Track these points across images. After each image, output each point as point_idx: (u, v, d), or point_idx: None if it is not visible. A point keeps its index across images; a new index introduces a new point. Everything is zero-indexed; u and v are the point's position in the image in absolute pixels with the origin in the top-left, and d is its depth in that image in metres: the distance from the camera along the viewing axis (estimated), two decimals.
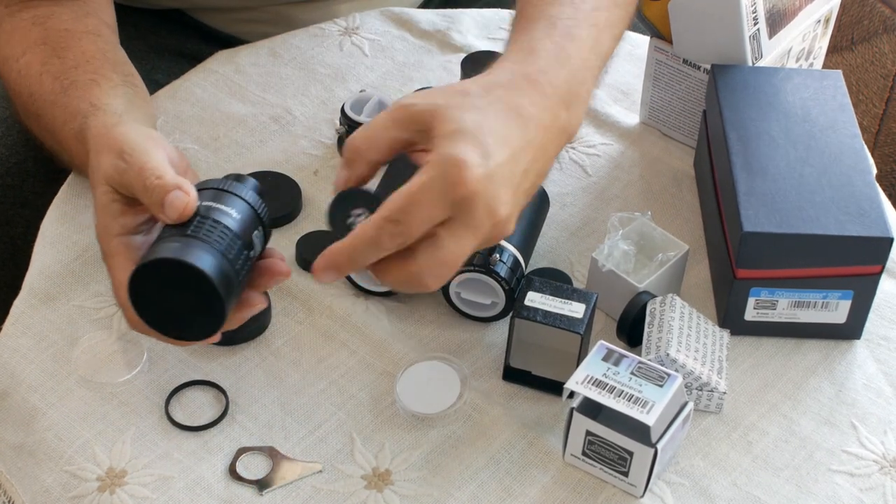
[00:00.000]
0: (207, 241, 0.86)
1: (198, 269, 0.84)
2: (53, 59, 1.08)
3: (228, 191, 0.91)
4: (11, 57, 1.12)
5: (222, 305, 0.86)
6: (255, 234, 0.91)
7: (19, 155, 1.25)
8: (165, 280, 0.86)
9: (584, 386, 0.91)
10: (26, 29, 1.12)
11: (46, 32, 1.11)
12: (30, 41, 1.11)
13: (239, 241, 0.88)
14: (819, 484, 0.96)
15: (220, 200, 0.90)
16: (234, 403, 0.98)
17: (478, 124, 0.86)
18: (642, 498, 0.93)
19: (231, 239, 0.88)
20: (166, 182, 0.89)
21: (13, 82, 1.11)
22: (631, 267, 1.04)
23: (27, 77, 1.09)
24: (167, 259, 0.85)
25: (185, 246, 0.86)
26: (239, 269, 0.88)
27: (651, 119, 1.23)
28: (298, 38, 1.31)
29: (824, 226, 0.98)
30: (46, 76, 1.08)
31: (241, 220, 0.89)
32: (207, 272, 0.85)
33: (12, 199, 1.24)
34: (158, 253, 0.85)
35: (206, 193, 0.91)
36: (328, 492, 0.93)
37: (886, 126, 1.68)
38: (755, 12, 1.10)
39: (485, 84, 0.90)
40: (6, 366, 1.00)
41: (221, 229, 0.88)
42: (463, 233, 0.85)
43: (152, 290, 0.87)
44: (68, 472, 0.94)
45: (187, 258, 0.85)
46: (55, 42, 1.10)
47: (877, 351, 1.05)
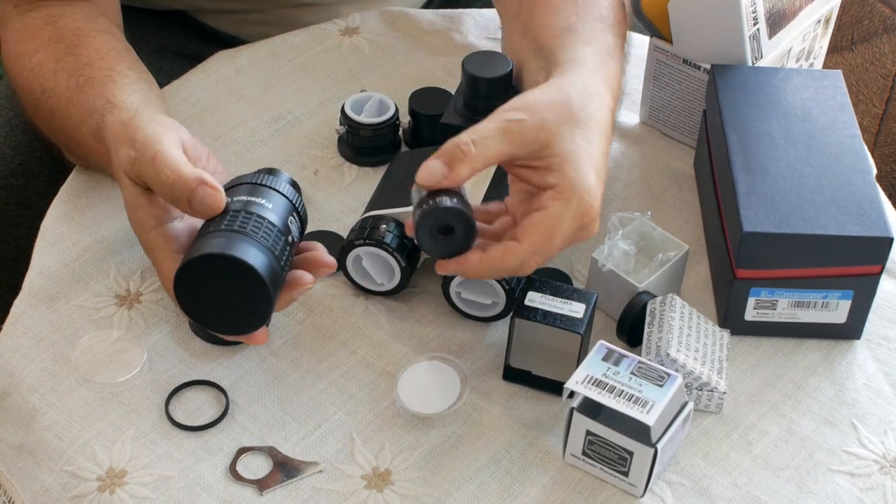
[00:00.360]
0: (253, 236, 0.88)
1: (246, 264, 0.86)
2: (67, 56, 1.09)
3: (265, 185, 0.92)
4: (23, 55, 1.12)
5: (269, 300, 0.87)
6: (292, 225, 0.92)
7: (23, 156, 1.25)
8: (212, 275, 0.87)
9: (584, 386, 0.91)
10: (38, 27, 1.12)
11: (59, 31, 1.11)
12: (42, 39, 1.11)
13: (282, 237, 0.90)
14: (819, 484, 0.95)
15: (258, 195, 0.91)
16: (234, 403, 0.98)
17: (589, 142, 0.93)
18: (642, 498, 0.93)
19: (275, 234, 0.89)
20: (187, 177, 0.89)
21: (25, 80, 1.11)
22: (631, 267, 1.04)
23: (40, 74, 1.09)
24: (215, 254, 0.86)
25: (231, 241, 0.87)
26: (284, 263, 0.90)
27: (651, 119, 1.23)
28: (298, 39, 1.31)
29: (824, 226, 0.98)
30: (61, 73, 1.08)
31: (280, 214, 0.91)
32: (256, 267, 0.86)
33: (16, 199, 1.24)
34: (205, 248, 0.86)
35: (243, 188, 0.92)
36: (328, 491, 0.93)
37: (886, 126, 1.68)
38: (755, 12, 1.10)
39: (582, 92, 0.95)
40: (6, 366, 1.00)
41: (266, 225, 0.89)
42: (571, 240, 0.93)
43: (198, 286, 0.88)
44: (68, 471, 0.94)
45: (236, 253, 0.86)
46: (68, 40, 1.10)
47: (877, 351, 1.05)
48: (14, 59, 1.13)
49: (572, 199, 0.91)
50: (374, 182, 1.15)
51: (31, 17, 1.13)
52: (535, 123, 0.92)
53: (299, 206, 0.94)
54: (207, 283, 0.88)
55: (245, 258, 0.86)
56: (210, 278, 0.87)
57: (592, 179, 0.92)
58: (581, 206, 0.91)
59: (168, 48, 1.38)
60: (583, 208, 0.91)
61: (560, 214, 0.91)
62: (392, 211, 1.04)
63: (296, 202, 0.94)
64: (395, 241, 1.02)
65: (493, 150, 0.91)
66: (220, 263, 0.87)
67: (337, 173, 1.17)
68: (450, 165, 0.90)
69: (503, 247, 0.91)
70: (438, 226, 0.91)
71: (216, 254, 0.86)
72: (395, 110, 1.17)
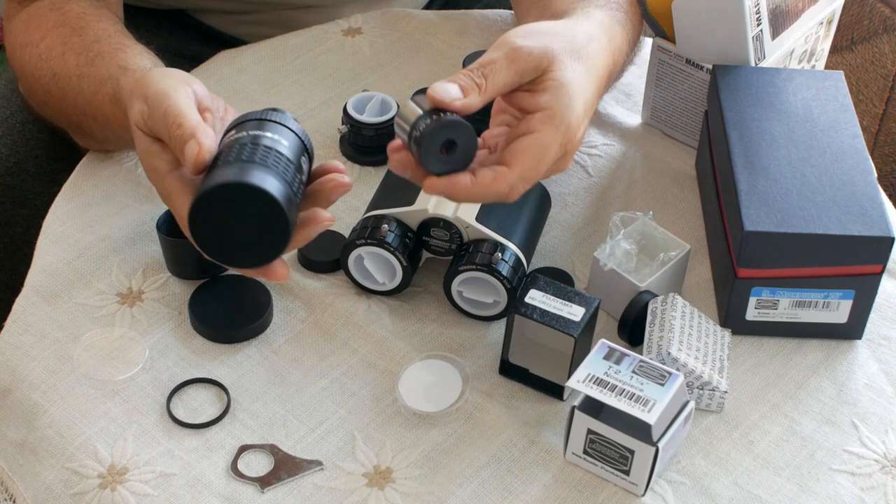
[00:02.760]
0: (264, 164, 0.87)
1: (260, 189, 0.84)
2: (74, 37, 1.09)
3: (271, 120, 0.92)
4: (30, 43, 1.12)
5: (287, 224, 0.86)
6: (302, 158, 0.91)
7: (19, 155, 1.25)
8: (227, 206, 0.85)
9: (585, 384, 0.91)
10: (43, 15, 1.13)
11: (64, 15, 1.12)
12: (48, 25, 1.12)
13: (291, 164, 0.89)
14: (820, 483, 0.96)
15: (266, 129, 0.90)
16: (236, 401, 0.98)
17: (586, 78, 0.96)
18: (643, 497, 0.93)
19: (284, 162, 0.88)
20: (183, 132, 0.89)
21: (33, 67, 1.12)
22: (632, 266, 1.04)
23: (48, 59, 1.10)
24: (227, 183, 0.84)
25: (242, 170, 0.85)
26: (296, 190, 0.88)
27: (653, 120, 1.23)
28: (301, 39, 1.31)
29: (825, 225, 0.98)
30: (69, 54, 1.08)
31: (289, 146, 0.90)
32: (270, 190, 0.85)
33: (11, 198, 1.24)
34: (217, 179, 0.85)
35: (250, 124, 0.91)
36: (329, 489, 0.93)
37: (886, 126, 1.68)
38: (759, 13, 1.11)
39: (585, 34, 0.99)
40: (8, 363, 1.01)
41: (274, 153, 0.88)
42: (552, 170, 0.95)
43: (213, 219, 0.86)
44: (70, 469, 0.94)
45: (249, 179, 0.84)
46: (73, 22, 1.11)
47: (878, 351, 1.05)
48: (21, 48, 1.13)
49: (561, 125, 0.92)
50: (376, 182, 1.15)
51: (36, 6, 1.14)
52: (539, 50, 0.93)
53: (306, 139, 0.93)
54: (222, 215, 0.86)
55: (259, 184, 0.84)
56: (225, 209, 0.86)
57: (580, 112, 0.94)
58: (567, 134, 0.93)
59: (168, 49, 1.38)
60: (567, 137, 0.93)
61: (549, 139, 0.92)
62: (394, 210, 1.04)
63: (302, 136, 0.93)
64: (397, 240, 1.02)
65: (501, 81, 0.92)
66: (234, 192, 0.85)
67: None
68: (464, 92, 0.91)
69: (492, 171, 0.91)
70: (445, 139, 0.90)
71: (230, 182, 0.84)
72: (396, 110, 1.17)
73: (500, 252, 1.01)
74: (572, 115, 0.93)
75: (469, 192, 0.91)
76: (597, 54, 0.99)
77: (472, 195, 0.91)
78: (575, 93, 0.94)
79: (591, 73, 0.97)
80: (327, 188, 0.92)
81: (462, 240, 1.04)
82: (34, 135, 1.25)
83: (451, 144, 0.90)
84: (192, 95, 0.94)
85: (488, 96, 0.92)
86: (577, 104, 0.94)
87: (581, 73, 0.95)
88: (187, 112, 0.91)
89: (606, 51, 1.02)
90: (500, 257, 1.00)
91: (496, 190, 0.91)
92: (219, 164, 0.88)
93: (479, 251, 1.01)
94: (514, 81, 0.93)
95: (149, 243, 1.09)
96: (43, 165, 1.24)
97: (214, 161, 0.89)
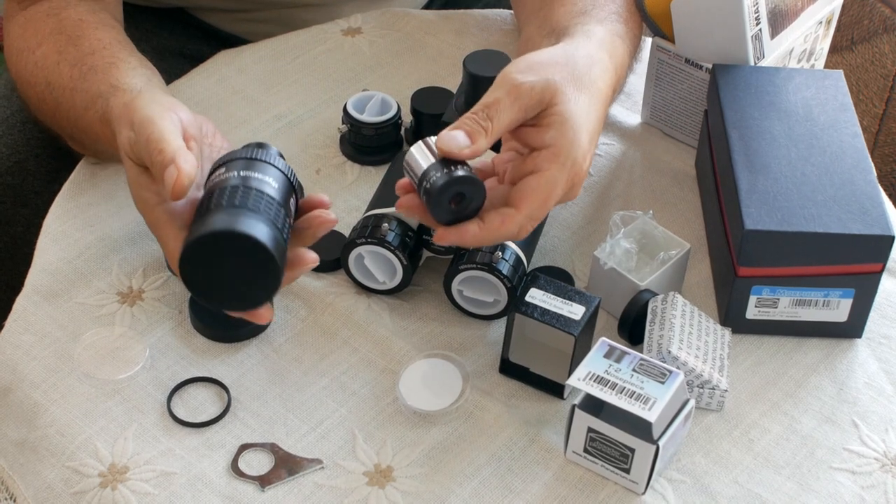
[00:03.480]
0: (255, 210, 0.87)
1: (252, 238, 0.84)
2: (69, 47, 1.09)
3: (258, 159, 0.91)
4: (27, 49, 1.12)
5: (277, 272, 0.86)
6: (290, 200, 0.92)
7: (20, 154, 1.25)
8: (217, 253, 0.85)
9: (585, 383, 0.91)
10: (40, 20, 1.12)
11: (61, 22, 1.12)
12: (45, 32, 1.12)
13: (281, 209, 0.89)
14: (820, 482, 0.96)
15: (254, 169, 0.90)
16: (236, 400, 0.98)
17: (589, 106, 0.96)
18: (644, 495, 0.93)
19: (276, 206, 0.89)
20: (164, 158, 0.89)
21: (29, 74, 1.12)
22: (633, 265, 1.04)
23: (44, 68, 1.10)
24: (219, 231, 0.85)
25: (234, 216, 0.86)
26: (285, 235, 0.89)
27: (653, 119, 1.23)
28: (301, 38, 1.31)
29: (826, 224, 0.99)
30: (64, 64, 1.08)
31: (278, 188, 0.90)
32: (261, 239, 0.85)
33: (12, 198, 1.24)
34: (209, 226, 0.85)
35: (238, 163, 0.91)
36: (330, 488, 0.93)
37: (886, 126, 1.68)
38: (757, 13, 1.11)
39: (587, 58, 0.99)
40: (8, 362, 1.01)
41: (266, 199, 0.88)
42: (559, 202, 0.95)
43: (204, 264, 0.86)
44: (70, 467, 0.94)
45: (240, 228, 0.85)
46: (70, 31, 1.11)
47: (878, 349, 1.05)
48: (17, 53, 1.13)
49: (567, 161, 0.93)
50: (376, 181, 1.15)
51: (34, 10, 1.14)
52: (541, 85, 0.93)
53: (293, 177, 0.93)
54: (214, 261, 0.86)
55: (251, 232, 0.85)
56: (216, 255, 0.86)
57: (586, 145, 0.94)
58: (573, 168, 0.93)
59: (167, 48, 1.38)
60: (574, 171, 0.93)
61: (555, 178, 0.92)
62: (394, 210, 1.04)
63: (289, 174, 0.93)
64: (397, 239, 1.02)
65: (506, 120, 0.93)
66: (225, 240, 0.85)
67: (339, 172, 1.17)
68: (471, 138, 0.92)
69: (500, 215, 0.92)
70: (455, 193, 0.91)
71: (221, 230, 0.85)
72: (396, 109, 1.17)
73: (500, 251, 1.01)
74: (578, 150, 0.93)
75: (479, 238, 0.92)
76: (599, 78, 0.99)
77: (482, 240, 0.93)
78: (580, 126, 0.94)
79: (595, 99, 0.97)
80: (314, 225, 0.92)
81: None
82: (35, 134, 1.25)
83: (460, 197, 0.92)
84: (177, 122, 0.93)
85: (494, 138, 0.93)
86: (581, 138, 0.94)
87: (584, 102, 0.95)
88: (169, 138, 0.90)
89: (609, 71, 1.02)
90: (500, 256, 1.00)
91: (505, 232, 0.92)
92: (210, 207, 0.88)
93: (480, 250, 1.01)
94: (519, 118, 0.93)
95: (149, 242, 1.09)
96: (44, 165, 1.24)
97: (204, 203, 0.89)
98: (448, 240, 0.92)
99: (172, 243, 0.90)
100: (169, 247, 0.91)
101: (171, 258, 0.91)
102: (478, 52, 1.15)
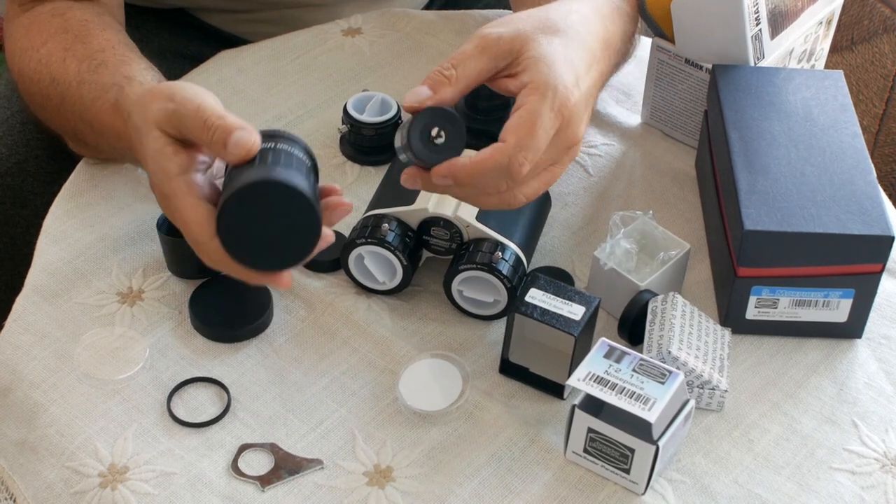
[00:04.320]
0: (288, 166, 0.87)
1: (291, 186, 0.85)
2: (76, 44, 1.09)
3: (284, 135, 0.92)
4: (30, 47, 1.12)
5: (316, 223, 0.87)
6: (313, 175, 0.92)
7: (19, 155, 1.25)
8: (257, 204, 0.86)
9: (585, 383, 0.91)
10: (45, 20, 1.13)
11: (66, 21, 1.12)
12: (50, 31, 1.12)
13: (311, 174, 0.90)
14: (820, 482, 0.96)
15: (280, 140, 0.91)
16: (236, 400, 0.98)
17: (566, 47, 0.94)
18: (644, 495, 0.93)
19: (306, 169, 0.89)
20: (228, 122, 0.90)
21: (32, 70, 1.12)
22: (633, 266, 1.04)
23: (48, 64, 1.10)
24: (258, 181, 0.85)
25: (270, 170, 0.86)
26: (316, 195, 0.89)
27: (653, 119, 1.23)
28: (300, 39, 1.31)
29: (825, 224, 0.99)
30: (71, 60, 1.09)
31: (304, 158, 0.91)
32: (300, 188, 0.85)
33: (12, 199, 1.24)
34: (246, 179, 0.85)
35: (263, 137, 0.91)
36: (330, 488, 0.93)
37: (886, 126, 1.68)
38: (757, 13, 1.11)
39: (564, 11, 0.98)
40: (8, 362, 1.01)
41: (296, 159, 0.89)
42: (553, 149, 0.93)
43: (241, 222, 0.86)
44: (70, 468, 0.94)
45: (279, 177, 0.85)
46: (77, 30, 1.11)
47: (878, 350, 1.05)
48: (21, 52, 1.13)
49: (547, 91, 0.91)
50: (376, 181, 1.15)
51: (37, 11, 1.14)
52: (510, 34, 0.94)
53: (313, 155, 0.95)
54: (252, 215, 0.86)
55: (291, 181, 0.85)
56: (255, 208, 0.86)
57: (569, 77, 0.93)
58: (557, 98, 0.92)
59: (168, 49, 1.38)
60: (559, 100, 0.92)
61: (537, 106, 0.91)
62: (394, 210, 1.04)
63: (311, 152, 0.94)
64: (397, 239, 1.02)
65: (473, 70, 0.93)
66: (265, 189, 0.85)
67: (339, 172, 1.17)
68: (434, 89, 0.92)
69: (490, 148, 0.91)
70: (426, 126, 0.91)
71: (260, 180, 0.85)
72: (397, 110, 1.17)
73: (500, 251, 1.01)
74: (557, 79, 0.92)
75: (470, 171, 0.91)
76: (579, 23, 0.98)
77: (474, 174, 0.91)
78: (554, 60, 0.93)
79: (574, 41, 0.96)
80: (330, 207, 0.92)
81: (462, 239, 1.04)
82: (35, 135, 1.25)
83: (436, 129, 0.91)
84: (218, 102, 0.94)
85: (462, 86, 0.92)
86: (559, 69, 0.93)
87: (559, 44, 0.95)
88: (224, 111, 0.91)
89: (592, 20, 1.00)
90: (500, 256, 1.00)
91: (495, 163, 0.90)
92: (243, 169, 0.88)
93: (480, 250, 1.01)
94: (490, 68, 0.93)
95: (149, 242, 1.09)
96: (43, 166, 1.24)
97: (234, 172, 0.89)
98: (441, 174, 0.91)
99: (190, 212, 0.90)
100: (186, 215, 0.90)
101: (186, 225, 0.90)
102: None
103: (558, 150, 0.94)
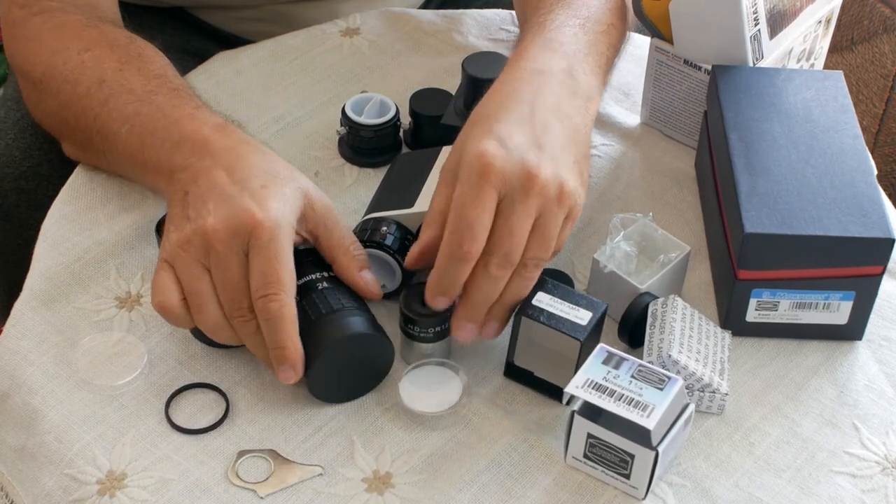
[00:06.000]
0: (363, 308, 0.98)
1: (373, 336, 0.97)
2: (134, 60, 1.10)
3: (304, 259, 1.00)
4: (65, 48, 1.11)
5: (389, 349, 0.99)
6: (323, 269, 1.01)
7: (34, 158, 1.24)
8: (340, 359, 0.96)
9: (584, 390, 0.91)
10: (81, 27, 1.13)
11: (104, 34, 1.13)
12: (91, 38, 1.12)
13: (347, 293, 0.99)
14: (821, 485, 0.95)
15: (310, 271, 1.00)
16: (235, 406, 0.98)
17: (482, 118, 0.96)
18: (644, 500, 0.93)
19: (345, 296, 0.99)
20: (362, 262, 1.00)
21: (70, 70, 1.10)
22: (632, 268, 1.04)
23: (96, 69, 1.09)
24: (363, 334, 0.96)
25: (365, 319, 0.97)
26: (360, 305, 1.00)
27: (652, 120, 1.23)
28: (299, 39, 1.31)
29: (826, 227, 0.98)
30: (130, 71, 1.09)
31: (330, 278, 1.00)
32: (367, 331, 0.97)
33: (27, 202, 1.23)
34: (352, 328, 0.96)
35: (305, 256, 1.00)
36: (328, 494, 0.93)
37: (886, 126, 1.67)
38: (756, 13, 1.10)
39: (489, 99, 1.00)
40: (6, 368, 1.00)
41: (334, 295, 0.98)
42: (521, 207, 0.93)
43: (329, 373, 0.96)
44: (68, 475, 0.94)
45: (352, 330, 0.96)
46: (124, 46, 1.11)
47: (878, 352, 1.04)
48: (49, 53, 1.12)
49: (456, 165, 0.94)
50: (375, 183, 1.14)
51: (63, 19, 1.13)
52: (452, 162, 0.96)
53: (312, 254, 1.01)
54: (336, 367, 0.96)
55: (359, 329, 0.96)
56: (338, 362, 0.96)
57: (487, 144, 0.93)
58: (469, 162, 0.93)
59: (171, 45, 1.37)
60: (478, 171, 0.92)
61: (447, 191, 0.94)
62: (393, 213, 1.03)
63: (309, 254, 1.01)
64: (396, 242, 1.02)
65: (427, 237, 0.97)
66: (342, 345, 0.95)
67: (338, 174, 1.17)
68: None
69: None
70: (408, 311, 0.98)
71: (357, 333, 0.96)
72: (395, 111, 1.17)
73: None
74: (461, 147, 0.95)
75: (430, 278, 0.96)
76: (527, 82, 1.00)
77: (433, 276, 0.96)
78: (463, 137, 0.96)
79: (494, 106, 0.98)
80: None
81: None
82: (47, 137, 1.24)
83: None
84: None
85: None
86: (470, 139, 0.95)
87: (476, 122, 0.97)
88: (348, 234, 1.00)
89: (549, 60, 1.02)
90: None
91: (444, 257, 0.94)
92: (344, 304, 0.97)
93: None
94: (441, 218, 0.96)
95: (147, 247, 1.08)
96: (57, 169, 1.23)
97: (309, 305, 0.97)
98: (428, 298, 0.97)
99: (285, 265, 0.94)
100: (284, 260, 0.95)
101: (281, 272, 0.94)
102: (477, 54, 1.14)
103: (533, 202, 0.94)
